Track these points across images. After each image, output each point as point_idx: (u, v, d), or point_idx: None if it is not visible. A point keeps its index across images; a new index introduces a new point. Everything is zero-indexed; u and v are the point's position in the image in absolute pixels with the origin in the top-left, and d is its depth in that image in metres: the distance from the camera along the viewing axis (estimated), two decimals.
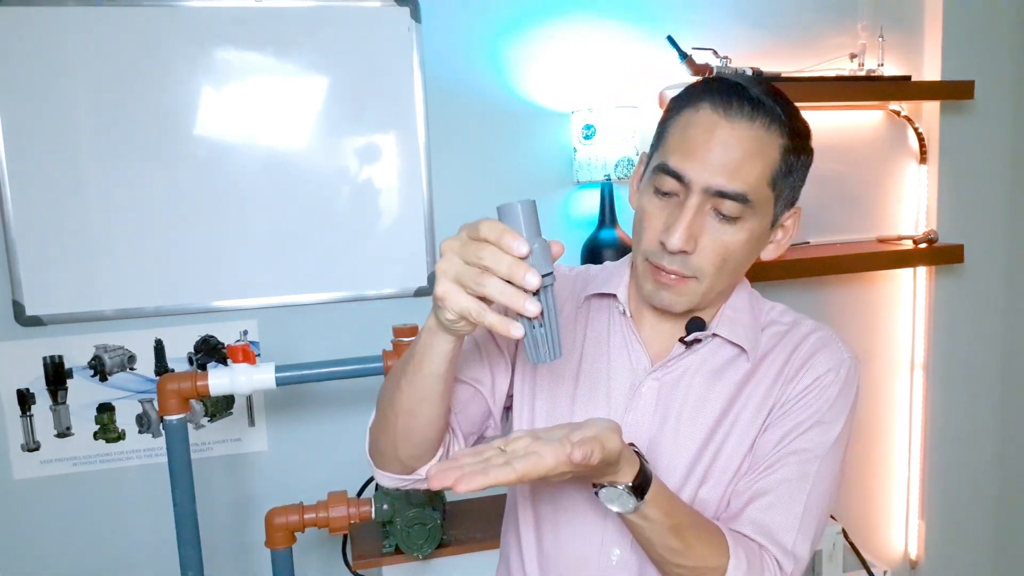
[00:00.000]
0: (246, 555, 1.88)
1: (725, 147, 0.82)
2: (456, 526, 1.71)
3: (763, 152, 0.84)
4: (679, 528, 0.81)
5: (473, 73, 1.87)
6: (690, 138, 0.84)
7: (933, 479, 2.30)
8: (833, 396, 0.90)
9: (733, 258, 0.86)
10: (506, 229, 0.67)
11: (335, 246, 1.83)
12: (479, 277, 0.67)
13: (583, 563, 0.93)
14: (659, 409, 0.92)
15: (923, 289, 2.23)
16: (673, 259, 0.85)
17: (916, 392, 2.27)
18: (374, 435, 0.91)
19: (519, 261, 0.67)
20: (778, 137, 0.85)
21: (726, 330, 0.92)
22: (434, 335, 0.76)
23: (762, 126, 0.84)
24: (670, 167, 0.84)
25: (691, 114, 0.85)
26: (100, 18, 1.66)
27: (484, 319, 0.68)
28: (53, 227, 1.69)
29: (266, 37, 1.75)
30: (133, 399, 1.79)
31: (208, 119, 1.74)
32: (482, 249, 0.67)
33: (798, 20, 2.06)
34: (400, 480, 0.92)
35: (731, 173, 0.82)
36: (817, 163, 0.94)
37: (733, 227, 0.84)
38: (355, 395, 1.89)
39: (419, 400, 0.81)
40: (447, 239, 0.70)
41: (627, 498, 0.77)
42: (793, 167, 0.88)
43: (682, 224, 0.82)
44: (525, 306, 0.67)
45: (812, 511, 0.88)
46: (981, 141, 2.20)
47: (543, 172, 1.92)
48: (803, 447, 0.88)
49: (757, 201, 0.84)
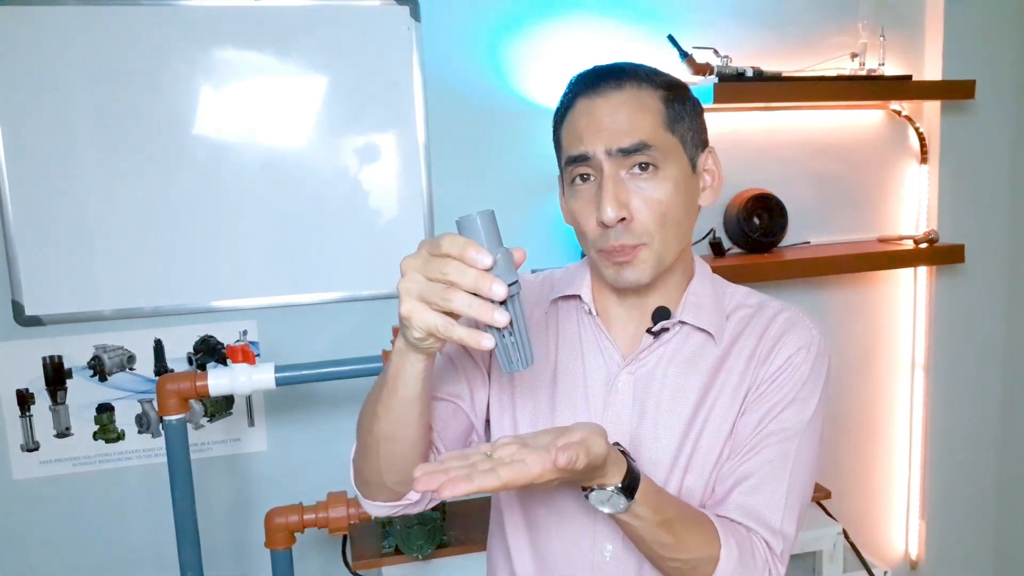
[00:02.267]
0: (246, 555, 1.88)
1: (609, 115, 0.86)
2: (456, 526, 1.71)
3: (644, 106, 0.86)
4: (670, 523, 0.82)
5: (473, 73, 1.87)
6: (577, 127, 0.88)
7: (933, 479, 2.30)
8: (806, 374, 0.92)
9: (671, 211, 0.87)
10: (468, 242, 0.68)
11: (335, 246, 1.83)
12: (445, 292, 0.68)
13: (576, 561, 0.93)
14: (636, 403, 0.92)
15: (924, 289, 2.23)
16: (617, 233, 0.86)
17: (917, 392, 2.27)
18: (358, 466, 0.91)
19: (484, 273, 0.67)
20: (652, 90, 0.88)
21: (691, 316, 0.93)
22: (404, 357, 0.76)
23: (632, 87, 0.87)
24: (573, 154, 0.87)
25: (571, 113, 0.89)
26: (100, 18, 1.66)
27: (452, 334, 0.68)
28: (53, 227, 1.68)
29: (266, 37, 1.74)
30: (132, 399, 1.79)
31: (208, 119, 1.74)
32: (445, 264, 0.68)
33: (799, 19, 2.05)
34: (390, 508, 0.93)
35: (624, 131, 0.85)
36: (817, 163, 0.95)
37: (655, 180, 0.86)
38: (355, 395, 1.88)
39: (398, 424, 0.82)
40: (407, 257, 0.70)
41: (617, 499, 0.78)
42: (681, 113, 0.89)
43: (607, 194, 0.84)
44: (494, 317, 0.67)
45: (795, 489, 0.90)
46: (982, 141, 2.20)
47: (543, 172, 1.92)
48: (781, 427, 0.90)
49: (661, 146, 0.86)
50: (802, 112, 2.08)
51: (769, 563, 0.88)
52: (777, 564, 0.88)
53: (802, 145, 2.09)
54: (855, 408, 2.26)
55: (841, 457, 2.25)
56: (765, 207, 2.00)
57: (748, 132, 2.05)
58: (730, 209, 2.03)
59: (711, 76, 1.83)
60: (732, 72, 1.83)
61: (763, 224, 2.00)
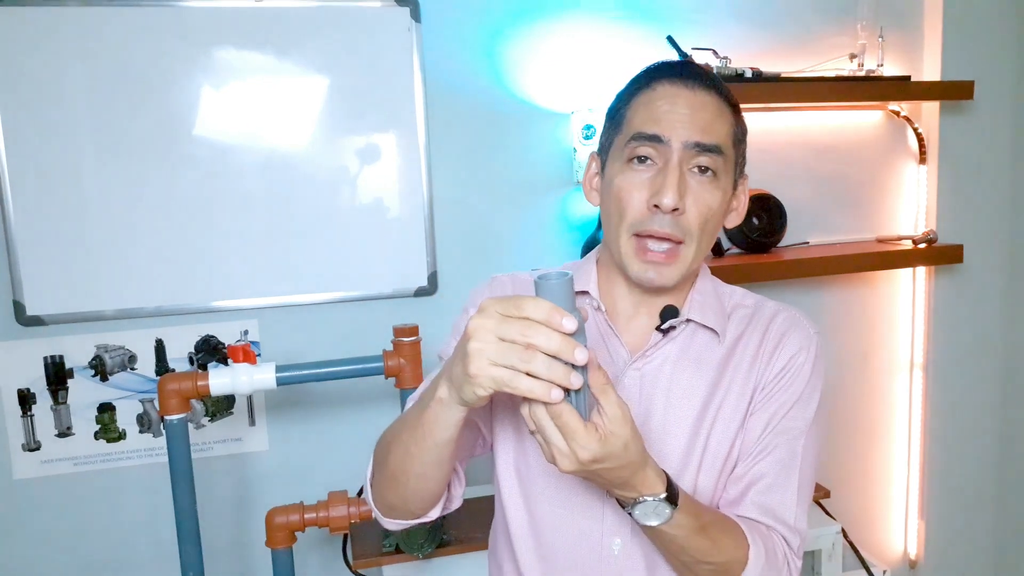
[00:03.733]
0: (246, 555, 1.88)
1: (694, 108, 0.87)
2: (456, 526, 1.71)
3: (723, 113, 0.89)
4: (706, 528, 0.83)
5: (473, 73, 1.87)
6: (657, 108, 0.88)
7: (932, 478, 2.30)
8: (808, 374, 0.94)
9: (712, 219, 0.89)
10: (554, 307, 0.68)
11: (335, 246, 1.83)
12: (524, 354, 0.68)
13: (583, 556, 0.93)
14: (643, 400, 0.93)
15: (922, 289, 2.23)
16: (664, 221, 0.87)
17: (916, 392, 2.27)
18: (381, 491, 0.91)
19: (568, 338, 0.68)
20: (728, 104, 0.91)
21: (698, 314, 0.95)
22: (446, 408, 0.76)
23: (717, 93, 0.90)
24: (645, 132, 0.87)
25: (649, 93, 0.90)
26: (100, 18, 1.66)
27: (520, 384, 0.68)
28: (53, 227, 1.69)
29: (266, 37, 1.75)
30: (134, 399, 1.79)
31: (208, 119, 1.74)
32: (528, 327, 0.68)
33: (798, 20, 2.06)
34: (409, 524, 0.94)
35: (704, 128, 0.86)
36: (817, 163, 0.97)
37: (712, 185, 0.88)
38: (355, 395, 1.89)
39: (430, 464, 0.83)
40: (477, 317, 0.69)
41: (663, 508, 0.78)
42: (741, 135, 0.93)
43: (672, 180, 0.85)
44: (571, 380, 0.68)
45: (805, 485, 0.93)
46: (981, 141, 2.20)
47: (543, 172, 1.92)
48: (789, 426, 0.92)
49: (727, 157, 0.89)
50: (801, 113, 2.08)
51: (788, 558, 0.90)
52: (795, 559, 0.91)
53: (801, 146, 2.10)
54: (854, 408, 2.26)
55: (840, 457, 2.25)
56: (764, 207, 2.01)
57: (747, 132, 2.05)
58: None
59: None
60: (731, 73, 1.84)
61: (762, 224, 2.00)
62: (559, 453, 0.72)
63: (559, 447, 0.72)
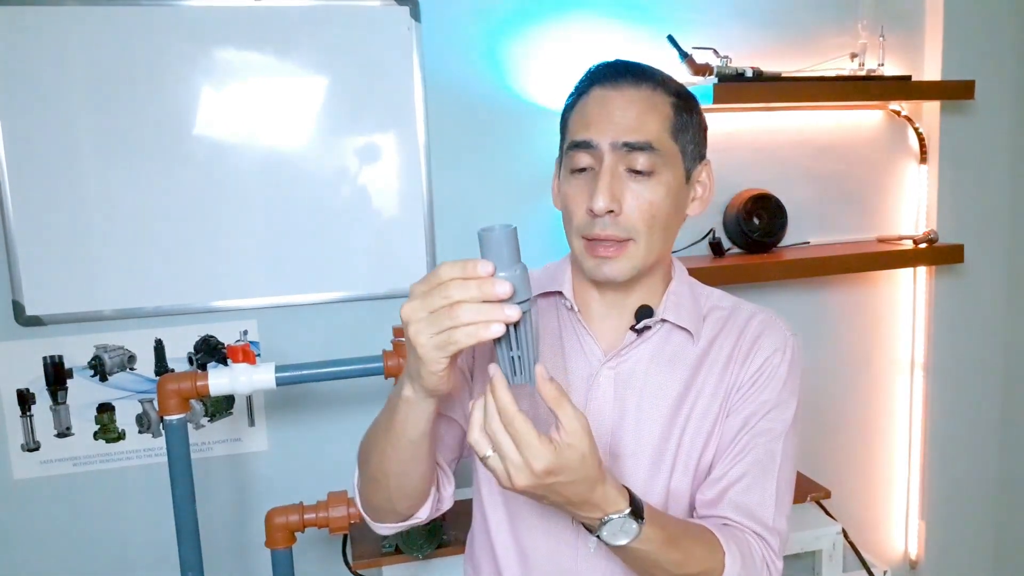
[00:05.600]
0: (246, 555, 1.88)
1: (621, 110, 0.87)
2: (456, 526, 1.71)
3: (656, 108, 0.89)
4: (676, 538, 0.82)
5: (473, 73, 1.87)
6: (588, 114, 0.89)
7: (933, 479, 2.30)
8: (784, 376, 0.94)
9: (660, 214, 0.89)
10: (465, 261, 0.68)
11: (335, 246, 1.83)
12: (451, 312, 0.67)
13: (562, 555, 0.94)
14: (618, 400, 0.93)
15: (923, 289, 2.23)
16: (604, 223, 0.87)
17: (916, 392, 2.27)
18: (366, 495, 0.93)
19: (486, 279, 0.67)
20: (665, 95, 0.90)
21: (672, 314, 0.95)
22: (415, 406, 0.77)
23: (648, 88, 0.89)
24: (577, 140, 0.89)
25: (584, 99, 0.91)
26: (100, 18, 1.66)
27: (460, 339, 0.68)
28: (53, 227, 1.69)
29: (266, 37, 1.75)
30: (133, 399, 1.79)
31: (208, 119, 1.74)
32: (447, 289, 0.68)
33: (798, 20, 2.06)
34: (399, 527, 0.95)
35: (633, 128, 0.87)
36: (817, 163, 0.96)
37: (650, 182, 0.88)
38: (355, 395, 1.89)
39: (409, 462, 0.84)
40: (405, 305, 0.70)
41: (630, 524, 0.77)
42: (688, 124, 0.91)
43: (602, 184, 0.86)
44: (504, 312, 0.67)
45: (784, 486, 0.93)
46: (981, 141, 2.20)
47: (543, 172, 1.92)
48: (767, 427, 0.92)
49: (664, 152, 0.88)
50: (802, 112, 2.08)
51: (767, 559, 0.89)
52: (775, 560, 0.90)
53: (802, 145, 2.09)
54: (855, 408, 2.26)
55: (841, 457, 2.25)
56: (765, 207, 2.00)
57: (748, 132, 2.06)
58: (730, 209, 2.04)
59: (711, 76, 1.84)
60: (732, 72, 1.83)
61: (763, 224, 2.00)
62: (512, 466, 0.70)
63: (512, 459, 0.70)
